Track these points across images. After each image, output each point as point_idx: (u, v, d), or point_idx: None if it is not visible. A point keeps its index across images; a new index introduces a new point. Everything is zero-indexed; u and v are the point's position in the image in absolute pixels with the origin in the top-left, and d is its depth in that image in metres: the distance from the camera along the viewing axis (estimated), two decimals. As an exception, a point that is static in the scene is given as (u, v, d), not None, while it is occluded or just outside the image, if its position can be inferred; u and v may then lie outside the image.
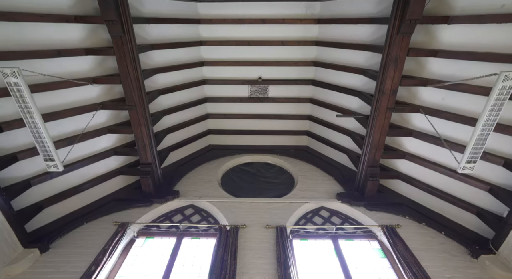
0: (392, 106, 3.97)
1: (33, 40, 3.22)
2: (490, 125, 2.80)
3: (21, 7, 3.03)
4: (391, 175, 4.62)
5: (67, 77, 3.60)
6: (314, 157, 6.05)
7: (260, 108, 6.06)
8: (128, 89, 3.91)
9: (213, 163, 5.91)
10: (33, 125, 2.79)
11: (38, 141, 2.90)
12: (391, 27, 3.50)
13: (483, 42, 3.23)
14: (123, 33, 3.50)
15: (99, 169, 4.38)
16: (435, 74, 3.75)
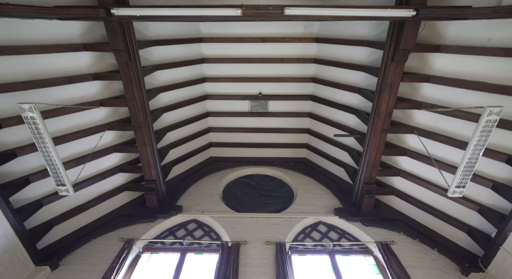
0: (387, 127, 4.14)
1: (44, 69, 3.38)
2: (477, 154, 2.96)
3: (33, 40, 3.19)
4: (387, 191, 4.79)
5: (75, 102, 3.77)
6: (313, 170, 6.22)
7: (261, 122, 6.22)
8: (134, 111, 4.07)
9: (214, 176, 6.07)
10: (46, 154, 2.96)
11: (51, 168, 3.06)
12: (385, 55, 3.66)
13: (473, 72, 3.40)
14: (129, 60, 3.67)
15: (105, 186, 4.55)
16: (429, 98, 3.91)
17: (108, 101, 4.04)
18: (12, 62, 3.11)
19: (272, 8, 3.11)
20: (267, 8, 3.11)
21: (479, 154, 2.95)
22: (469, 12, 2.91)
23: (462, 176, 3.09)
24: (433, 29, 3.59)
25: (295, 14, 3.12)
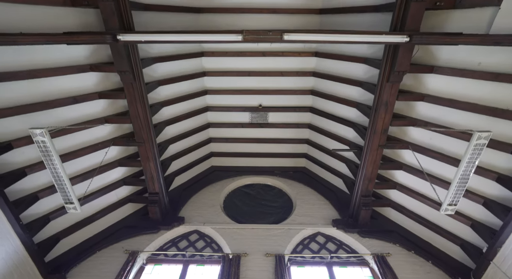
0: (383, 143, 4.27)
1: (52, 91, 3.52)
2: (467, 175, 3.09)
3: (43, 63, 3.33)
4: (383, 203, 4.92)
5: (82, 119, 3.92)
6: (312, 179, 6.35)
7: (261, 133, 6.35)
8: (138, 128, 4.21)
9: (215, 186, 6.21)
10: (56, 174, 3.09)
11: (59, 187, 3.20)
12: (381, 75, 3.80)
13: (465, 93, 3.54)
14: (134, 81, 3.80)
15: (110, 199, 4.69)
16: (423, 116, 4.05)
17: (113, 118, 4.17)
18: (24, 86, 3.25)
19: (272, 33, 3.24)
20: (267, 33, 3.25)
21: (469, 174, 3.09)
22: (459, 40, 3.05)
23: (453, 194, 3.22)
24: (427, 50, 3.72)
25: (294, 39, 3.25)
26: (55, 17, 3.27)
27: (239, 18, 5.14)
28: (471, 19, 3.23)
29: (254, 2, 4.99)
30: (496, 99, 3.29)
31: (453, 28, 3.41)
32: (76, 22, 3.46)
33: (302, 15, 5.11)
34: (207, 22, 5.16)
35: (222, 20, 5.14)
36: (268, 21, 5.14)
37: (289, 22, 5.16)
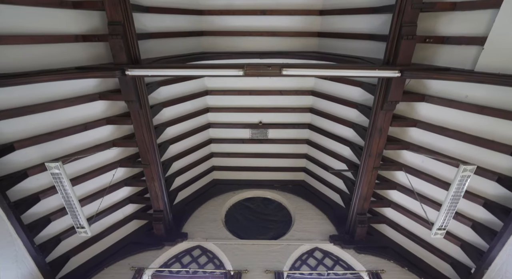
0: (378, 165, 4.48)
1: (64, 120, 3.73)
2: (455, 202, 3.30)
3: (56, 96, 3.54)
4: (379, 220, 5.13)
5: (91, 144, 4.13)
6: (310, 193, 6.55)
7: (261, 148, 6.55)
8: (143, 151, 4.41)
9: (217, 199, 6.41)
10: (69, 202, 3.30)
11: (71, 213, 3.41)
12: (375, 104, 4.00)
13: (453, 122, 3.74)
14: (140, 108, 4.01)
15: (116, 217, 4.90)
16: (416, 140, 4.25)
17: (119, 142, 4.38)
18: (40, 118, 3.46)
19: (271, 68, 3.45)
20: (266, 68, 3.45)
21: (457, 202, 3.29)
22: (446, 77, 3.25)
23: (442, 220, 3.42)
24: (419, 80, 3.92)
25: (292, 74, 3.46)
26: (68, 52, 3.48)
27: (240, 41, 5.36)
28: (459, 54, 3.43)
29: (255, 26, 5.21)
30: (481, 130, 3.49)
31: (442, 61, 3.61)
32: (87, 55, 3.68)
33: (300, 38, 5.33)
34: (209, 44, 5.38)
35: (223, 42, 5.36)
36: (268, 43, 5.36)
37: (288, 44, 5.38)
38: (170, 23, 4.70)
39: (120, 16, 3.44)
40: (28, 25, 3.11)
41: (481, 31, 3.22)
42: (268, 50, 5.37)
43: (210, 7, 5.01)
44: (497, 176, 3.44)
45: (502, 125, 3.32)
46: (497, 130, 3.38)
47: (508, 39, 2.95)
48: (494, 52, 3.08)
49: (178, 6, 4.70)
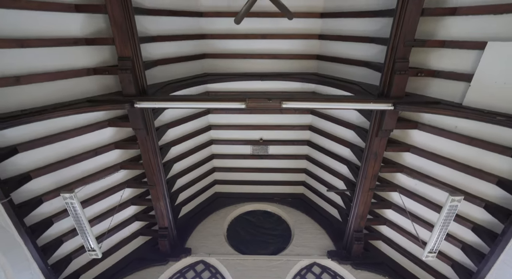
0: (373, 187, 4.69)
1: (76, 148, 3.94)
2: (445, 229, 3.50)
3: (70, 126, 3.75)
4: (375, 236, 5.33)
5: (100, 168, 4.34)
6: (309, 207, 6.77)
7: (261, 163, 6.76)
8: (150, 173, 4.63)
9: (219, 213, 6.62)
10: (81, 228, 3.52)
11: (84, 238, 3.62)
12: (370, 131, 4.20)
13: (444, 149, 3.94)
14: (147, 135, 4.22)
15: (123, 234, 5.11)
16: (409, 164, 4.45)
17: (127, 165, 4.59)
18: (54, 147, 3.68)
19: (272, 101, 3.66)
20: (267, 101, 3.66)
21: (447, 227, 3.50)
22: (435, 111, 3.46)
23: (433, 244, 3.63)
24: (411, 108, 4.12)
25: (291, 107, 3.67)
26: (80, 84, 3.70)
27: (241, 63, 5.57)
28: (449, 87, 3.65)
29: (256, 49, 5.42)
30: (470, 160, 3.70)
31: (434, 92, 3.83)
32: (97, 86, 3.91)
33: (300, 60, 5.54)
34: (211, 66, 5.59)
35: (225, 64, 5.58)
36: (269, 65, 5.57)
37: (288, 66, 5.59)
38: (175, 49, 4.91)
39: (129, 51, 3.65)
40: (47, 64, 3.33)
41: (468, 69, 3.43)
42: (268, 72, 5.58)
43: (213, 31, 5.23)
44: (484, 202, 3.64)
45: (490, 156, 3.52)
46: (485, 161, 3.58)
47: (492, 79, 3.16)
48: (480, 90, 3.29)
49: (183, 33, 4.92)
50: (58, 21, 3.31)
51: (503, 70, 3.09)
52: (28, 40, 3.09)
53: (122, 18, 3.45)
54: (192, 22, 4.99)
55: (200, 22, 5.13)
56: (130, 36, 3.58)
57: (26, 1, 2.97)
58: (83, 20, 3.51)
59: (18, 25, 3.03)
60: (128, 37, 3.57)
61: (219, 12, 5.04)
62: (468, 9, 3.24)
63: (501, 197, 3.52)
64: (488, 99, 3.27)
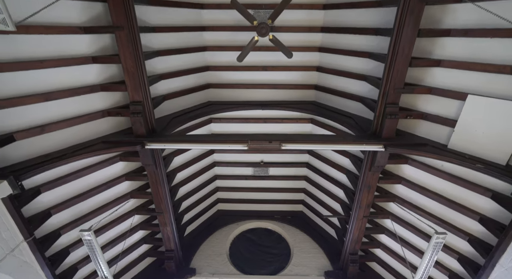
0: (367, 214, 4.99)
1: (88, 183, 4.25)
2: (432, 261, 3.80)
3: (83, 164, 4.06)
4: (370, 258, 5.64)
5: (110, 199, 4.65)
6: (308, 225, 7.07)
7: (262, 184, 7.07)
8: (158, 202, 4.94)
9: (222, 232, 6.94)
10: (95, 259, 3.83)
11: (98, 267, 3.93)
12: (364, 166, 4.50)
13: (432, 185, 4.24)
14: (156, 169, 4.53)
15: (132, 257, 5.43)
16: (401, 194, 4.75)
17: (136, 194, 4.91)
18: (70, 184, 4.00)
19: (273, 143, 3.96)
20: (267, 143, 3.97)
21: (434, 259, 3.79)
22: (422, 154, 3.76)
23: (421, 275, 3.93)
24: (402, 145, 4.42)
25: (290, 149, 3.97)
26: (94, 126, 4.01)
27: (243, 92, 5.88)
28: (436, 129, 3.95)
29: (257, 79, 5.73)
30: (456, 196, 4.00)
31: (422, 132, 4.13)
32: (110, 125, 4.22)
33: (299, 90, 5.84)
34: (215, 95, 5.90)
35: (228, 93, 5.89)
36: (269, 94, 5.87)
37: (288, 95, 5.89)
38: (181, 83, 5.22)
39: (140, 96, 3.96)
40: (67, 112, 3.65)
41: (452, 115, 3.73)
42: (269, 100, 5.89)
43: (216, 63, 5.55)
44: (468, 236, 3.94)
45: (473, 195, 3.81)
46: (469, 198, 3.88)
47: (473, 128, 3.46)
48: (462, 136, 3.59)
49: (188, 67, 5.23)
50: (77, 73, 3.62)
51: (482, 121, 3.39)
52: (52, 94, 3.40)
53: (134, 68, 3.76)
54: (197, 56, 5.30)
55: (205, 56, 5.45)
56: (141, 83, 3.89)
57: (50, 61, 3.28)
58: (99, 69, 3.82)
59: (43, 81, 3.34)
60: (139, 84, 3.88)
61: (222, 46, 5.36)
62: (450, 63, 3.54)
63: (483, 232, 3.82)
64: (470, 145, 3.57)
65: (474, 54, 3.37)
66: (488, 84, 3.34)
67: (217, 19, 5.12)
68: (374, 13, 4.29)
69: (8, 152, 3.23)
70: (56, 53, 3.37)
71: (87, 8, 3.46)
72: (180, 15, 4.72)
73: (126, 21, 3.48)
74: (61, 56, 3.41)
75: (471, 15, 3.25)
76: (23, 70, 3.12)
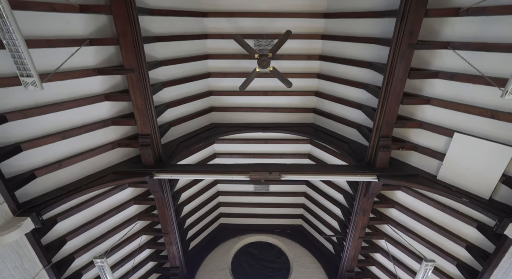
0: (363, 235, 5.25)
1: (100, 209, 4.52)
2: (421, 285, 4.07)
3: (95, 192, 4.34)
4: (366, 275, 5.90)
5: (119, 222, 4.92)
6: (306, 239, 7.34)
7: (263, 199, 7.34)
8: (164, 223, 5.21)
9: (224, 246, 7.21)
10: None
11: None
12: (359, 192, 4.76)
13: (424, 211, 4.50)
14: (162, 194, 4.80)
15: (139, 274, 5.70)
16: (395, 217, 5.01)
17: (143, 216, 5.18)
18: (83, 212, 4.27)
19: (273, 174, 4.23)
20: (268, 174, 4.23)
21: (423, 285, 4.06)
22: (413, 185, 4.02)
23: (411, 297, 4.20)
24: (395, 172, 4.68)
25: (289, 179, 4.23)
26: (105, 157, 4.28)
27: (245, 115, 6.14)
28: (426, 160, 4.21)
29: (258, 103, 5.99)
30: (445, 223, 4.26)
31: (414, 162, 4.40)
32: (119, 155, 4.49)
33: (298, 114, 6.10)
34: (218, 117, 6.17)
35: (231, 116, 6.15)
36: (270, 117, 6.14)
37: (287, 118, 6.15)
38: (185, 109, 5.49)
39: (149, 129, 4.23)
40: (82, 146, 3.92)
41: (441, 148, 4.00)
42: (270, 122, 6.15)
43: (219, 88, 5.81)
44: (456, 261, 4.20)
45: (460, 224, 4.07)
46: (457, 226, 4.14)
47: (459, 163, 3.72)
48: (450, 169, 3.85)
49: (192, 94, 5.50)
50: (91, 110, 3.89)
51: (467, 158, 3.65)
52: (68, 132, 3.67)
53: (143, 106, 4.03)
54: (201, 83, 5.57)
55: (208, 82, 5.71)
56: (149, 118, 4.16)
57: (68, 102, 3.56)
58: (110, 105, 4.09)
59: (61, 121, 3.61)
60: (148, 119, 4.15)
61: (225, 73, 5.62)
62: (438, 102, 3.80)
63: (470, 258, 4.08)
64: (457, 178, 3.83)
65: (459, 96, 3.63)
66: (472, 124, 3.60)
67: (220, 48, 5.38)
68: (370, 48, 4.54)
69: (28, 187, 3.50)
70: (73, 95, 3.64)
71: (101, 52, 3.73)
72: (185, 46, 4.98)
73: (136, 64, 3.75)
74: (77, 97, 3.69)
75: (457, 61, 3.50)
76: (45, 114, 3.39)
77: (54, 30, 3.27)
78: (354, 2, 4.47)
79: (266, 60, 4.54)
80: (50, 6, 3.08)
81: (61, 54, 3.31)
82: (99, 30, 3.65)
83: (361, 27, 4.50)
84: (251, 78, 4.81)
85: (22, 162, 3.37)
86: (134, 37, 3.60)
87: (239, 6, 4.95)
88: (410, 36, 3.50)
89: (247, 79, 4.81)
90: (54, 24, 3.24)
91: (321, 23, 5.11)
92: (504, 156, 3.32)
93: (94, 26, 3.58)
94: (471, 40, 3.32)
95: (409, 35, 3.49)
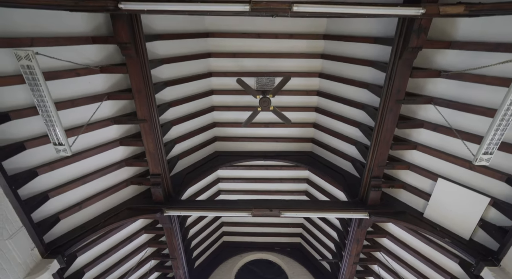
0: (357, 261, 5.63)
1: (114, 241, 4.92)
2: (409, 314, 4.44)
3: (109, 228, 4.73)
4: (361, 294, 6.30)
5: (131, 250, 5.31)
6: (305, 257, 7.73)
7: (264, 219, 7.73)
8: (172, 250, 5.60)
9: (226, 264, 7.61)
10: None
11: (124, 317, 4.60)
12: (353, 224, 5.14)
13: (414, 243, 4.87)
14: (171, 225, 5.19)
15: (148, 295, 6.11)
16: (387, 245, 5.39)
17: (153, 243, 5.57)
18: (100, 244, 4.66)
19: (273, 211, 4.61)
20: (269, 211, 4.61)
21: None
22: (401, 223, 4.40)
23: (400, 324, 4.58)
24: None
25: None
26: (120, 193, 4.67)
27: (247, 144, 6.51)
28: (414, 198, 4.58)
29: (260, 133, 6.36)
30: (432, 256, 4.62)
31: (403, 198, 4.79)
32: (131, 191, 4.87)
33: (297, 143, 6.48)
34: (222, 146, 6.54)
35: (233, 145, 6.53)
36: (270, 146, 6.50)
37: (287, 146, 6.52)
38: (191, 142, 5.87)
39: (159, 170, 4.61)
40: (99, 188, 4.30)
41: (427, 189, 4.36)
42: (270, 151, 6.52)
43: (223, 120, 6.18)
44: (443, 292, 4.58)
45: (445, 258, 4.44)
46: (441, 259, 4.51)
47: (443, 205, 4.09)
48: (435, 209, 4.22)
49: (198, 127, 5.87)
50: (108, 155, 4.28)
51: (450, 201, 4.01)
52: (87, 177, 4.06)
53: (154, 150, 4.41)
54: (206, 117, 5.94)
55: (213, 115, 6.09)
56: (160, 160, 4.54)
57: (87, 151, 3.94)
58: (124, 149, 4.47)
59: (81, 168, 4.00)
60: (158, 161, 4.53)
61: (229, 106, 5.99)
62: (424, 149, 4.17)
63: (454, 290, 4.46)
64: (441, 218, 4.20)
65: (443, 146, 4.00)
66: (455, 171, 3.96)
67: (224, 84, 5.76)
68: (363, 92, 4.90)
69: (53, 228, 3.89)
70: (92, 144, 4.03)
71: (116, 103, 4.12)
72: (191, 87, 5.35)
73: (149, 115, 4.13)
74: (95, 145, 4.07)
75: (439, 115, 3.87)
76: (69, 165, 3.77)
77: (78, 90, 3.66)
78: (349, 49, 4.84)
79: (267, 102, 4.93)
80: (76, 72, 3.47)
81: (80, 110, 3.70)
82: (115, 85, 4.03)
83: (355, 71, 4.87)
84: (252, 117, 5.19)
85: (48, 207, 3.75)
86: (147, 93, 3.98)
87: (241, 48, 5.32)
88: (397, 93, 3.87)
89: (249, 118, 5.19)
90: (79, 86, 3.63)
91: (319, 63, 5.48)
92: (481, 204, 3.69)
93: (111, 83, 3.97)
94: (452, 98, 3.70)
95: (397, 93, 3.86)
